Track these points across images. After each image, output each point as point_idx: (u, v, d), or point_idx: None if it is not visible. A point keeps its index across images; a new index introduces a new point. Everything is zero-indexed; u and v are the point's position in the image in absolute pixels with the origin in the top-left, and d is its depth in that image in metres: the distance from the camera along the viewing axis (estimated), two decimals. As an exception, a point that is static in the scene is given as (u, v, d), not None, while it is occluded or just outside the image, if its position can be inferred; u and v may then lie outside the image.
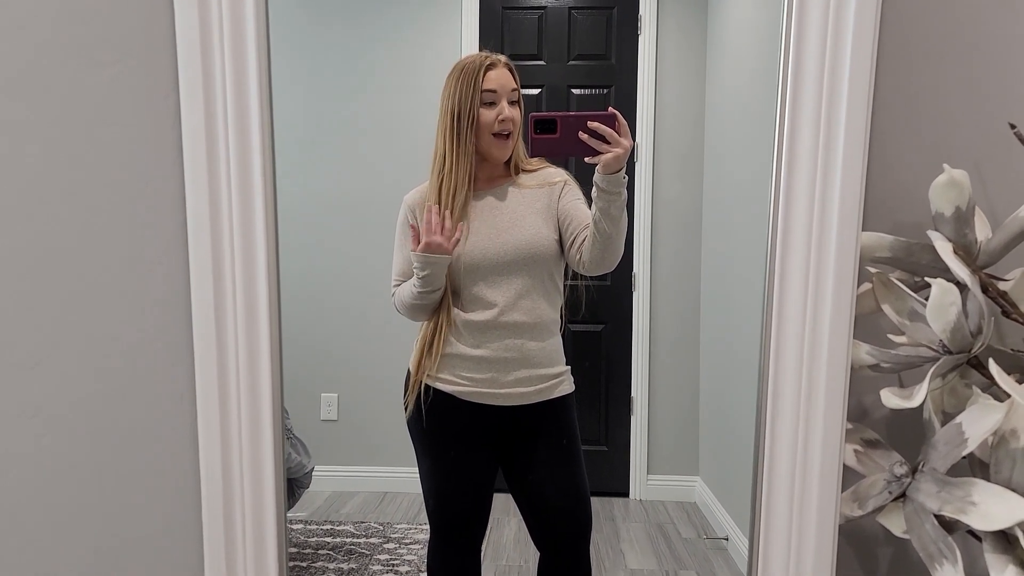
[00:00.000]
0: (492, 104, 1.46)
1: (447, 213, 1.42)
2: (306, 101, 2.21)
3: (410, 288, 1.48)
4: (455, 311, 1.48)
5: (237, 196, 1.08)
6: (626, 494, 2.40)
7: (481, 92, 1.45)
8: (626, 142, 1.31)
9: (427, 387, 1.50)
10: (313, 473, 2.01)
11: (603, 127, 1.29)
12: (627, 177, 1.36)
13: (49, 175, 1.13)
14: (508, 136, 1.48)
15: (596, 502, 1.58)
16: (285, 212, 1.13)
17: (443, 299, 1.48)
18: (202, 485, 1.12)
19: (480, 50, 1.62)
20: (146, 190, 1.12)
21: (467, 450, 1.53)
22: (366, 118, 2.28)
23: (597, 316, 2.29)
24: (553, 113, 1.31)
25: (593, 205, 1.39)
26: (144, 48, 1.10)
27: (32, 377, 1.16)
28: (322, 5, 2.27)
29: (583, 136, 1.29)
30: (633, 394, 2.35)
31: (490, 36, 2.29)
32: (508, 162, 1.54)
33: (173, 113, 1.09)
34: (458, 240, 1.43)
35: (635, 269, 2.30)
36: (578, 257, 1.47)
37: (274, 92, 1.09)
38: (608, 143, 1.30)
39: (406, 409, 1.53)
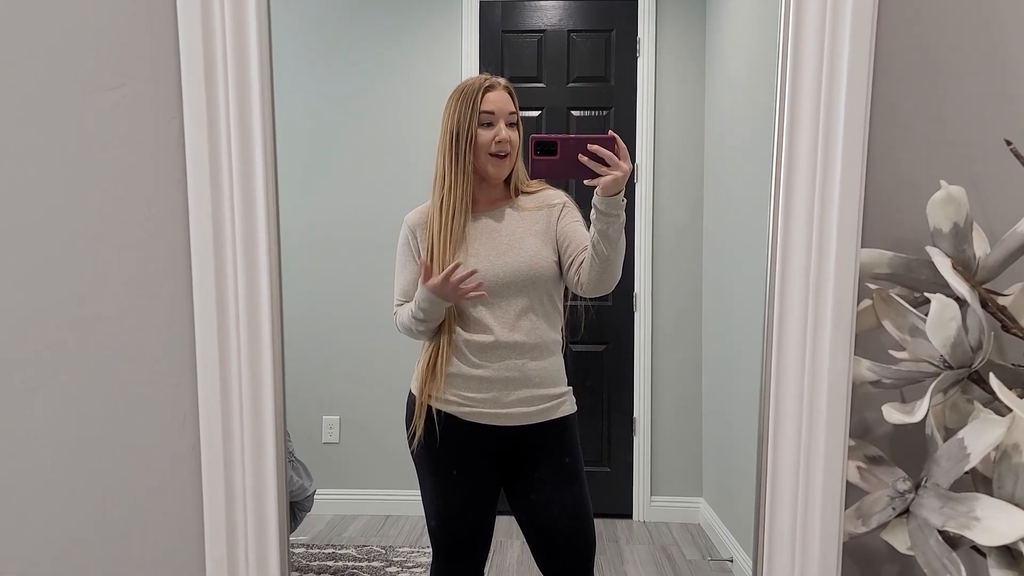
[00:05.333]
0: (490, 125, 1.48)
1: (466, 272, 1.41)
2: (308, 124, 2.22)
3: (409, 312, 1.49)
4: (457, 331, 1.49)
5: (240, 218, 1.09)
6: (629, 515, 2.38)
7: (480, 113, 1.47)
8: (625, 165, 1.32)
9: (429, 407, 1.50)
10: (315, 496, 2.00)
11: (603, 150, 1.30)
12: (626, 200, 1.37)
13: (52, 198, 1.14)
14: (505, 156, 1.50)
15: (599, 524, 1.57)
16: (287, 234, 1.14)
17: (445, 319, 1.49)
18: (205, 508, 1.12)
19: (480, 72, 1.63)
20: (149, 214, 1.13)
21: (469, 471, 1.53)
22: (367, 141, 2.30)
23: (599, 336, 2.29)
24: (553, 135, 1.32)
25: (592, 227, 1.40)
26: (148, 72, 1.12)
27: (33, 400, 1.16)
28: (325, 30, 2.29)
29: (583, 158, 1.31)
30: (635, 414, 2.34)
31: (490, 59, 2.31)
32: (508, 184, 1.55)
33: (177, 137, 1.11)
34: (465, 293, 1.42)
35: (636, 289, 2.31)
36: (576, 279, 1.48)
37: (276, 115, 1.10)
38: (607, 165, 1.31)
39: (410, 431, 1.53)
